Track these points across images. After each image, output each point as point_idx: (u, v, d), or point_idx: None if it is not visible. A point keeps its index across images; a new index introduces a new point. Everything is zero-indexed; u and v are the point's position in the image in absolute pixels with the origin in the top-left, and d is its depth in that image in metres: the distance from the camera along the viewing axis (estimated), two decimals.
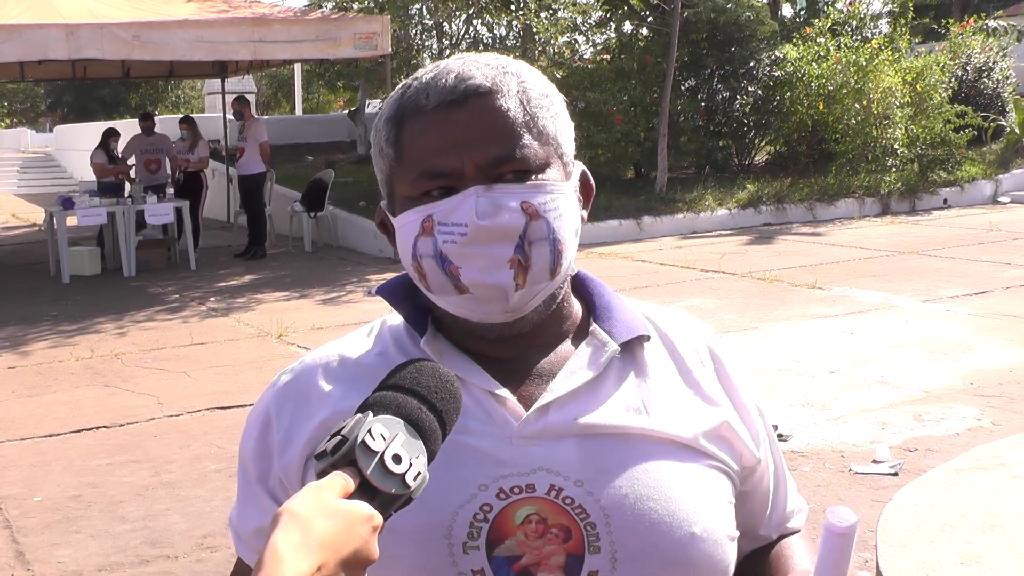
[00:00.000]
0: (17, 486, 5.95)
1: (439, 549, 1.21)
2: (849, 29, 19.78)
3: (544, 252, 1.24)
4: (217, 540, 5.00)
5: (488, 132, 1.23)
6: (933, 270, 11.47)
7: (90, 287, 12.93)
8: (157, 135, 15.74)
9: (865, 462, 5.72)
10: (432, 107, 1.25)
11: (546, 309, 1.30)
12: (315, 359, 1.39)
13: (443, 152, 1.24)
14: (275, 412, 1.36)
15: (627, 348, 1.33)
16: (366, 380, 1.27)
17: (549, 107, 1.29)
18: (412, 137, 1.26)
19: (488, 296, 1.24)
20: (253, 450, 1.36)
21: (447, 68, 1.27)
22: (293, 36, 13.58)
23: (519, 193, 1.23)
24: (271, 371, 8.11)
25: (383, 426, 1.03)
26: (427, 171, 1.25)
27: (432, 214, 1.24)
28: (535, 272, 1.24)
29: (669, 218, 15.70)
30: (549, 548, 1.21)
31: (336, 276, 13.06)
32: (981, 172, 18.24)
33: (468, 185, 1.22)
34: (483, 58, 1.29)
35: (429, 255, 1.25)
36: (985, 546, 3.91)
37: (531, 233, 1.23)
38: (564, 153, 1.30)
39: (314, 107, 41.25)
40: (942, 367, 7.53)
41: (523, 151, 1.24)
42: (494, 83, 1.25)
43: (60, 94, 48.02)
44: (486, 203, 1.21)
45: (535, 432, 1.25)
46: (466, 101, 1.24)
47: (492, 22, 17.78)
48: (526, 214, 1.22)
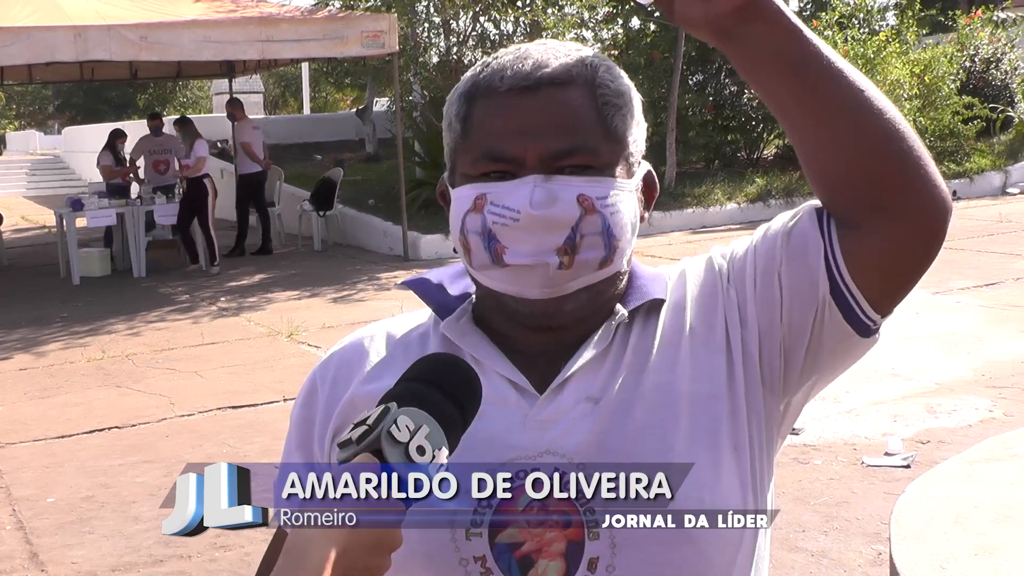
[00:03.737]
0: (30, 487, 5.97)
1: (441, 535, 1.22)
2: (856, 22, 19.70)
3: (596, 244, 1.24)
4: (230, 539, 5.01)
5: (555, 123, 1.24)
6: (943, 262, 11.28)
7: (100, 288, 12.96)
8: (166, 135, 15.74)
9: (877, 455, 5.71)
10: (505, 90, 1.26)
11: (589, 303, 1.29)
12: (363, 334, 1.42)
13: (508, 137, 1.25)
14: (320, 381, 1.39)
15: (641, 314, 1.33)
16: (398, 364, 1.30)
17: (623, 106, 1.29)
18: (480, 116, 1.28)
19: (529, 270, 1.24)
20: (297, 417, 1.40)
21: (527, 53, 1.28)
22: (300, 35, 13.57)
23: (577, 186, 1.23)
24: (282, 370, 8.13)
25: (408, 418, 1.04)
26: (489, 153, 1.26)
27: (487, 193, 1.25)
28: (582, 258, 1.24)
29: (678, 213, 15.70)
30: (550, 535, 1.21)
31: (346, 275, 13.07)
32: (990, 163, 18.19)
33: (527, 173, 1.23)
34: (565, 47, 1.30)
35: (476, 232, 1.26)
36: (999, 537, 3.91)
37: (584, 226, 1.23)
38: (631, 153, 1.30)
39: (322, 106, 41.25)
40: (953, 359, 7.52)
41: (587, 147, 1.25)
42: (569, 74, 1.26)
43: (68, 96, 48.08)
44: (542, 193, 1.22)
45: (548, 415, 1.26)
46: (538, 89, 1.25)
47: (499, 18, 17.74)
48: (582, 207, 1.23)
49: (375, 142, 21.34)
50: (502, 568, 1.22)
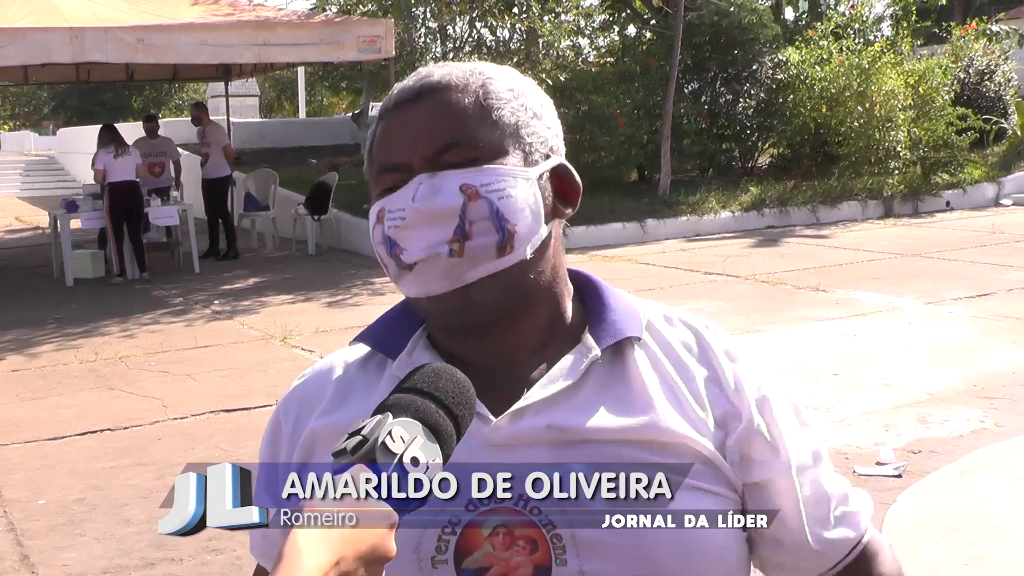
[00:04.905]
0: (22, 489, 5.96)
1: (408, 564, 1.21)
2: (852, 32, 19.77)
3: (487, 229, 1.24)
4: (222, 543, 5.00)
5: (436, 124, 1.26)
6: (936, 272, 11.47)
7: (93, 290, 12.95)
8: (161, 138, 15.73)
9: (869, 464, 5.72)
10: (392, 106, 1.30)
11: (503, 295, 1.26)
12: (322, 366, 1.42)
13: (396, 147, 1.28)
14: (283, 418, 1.40)
15: (616, 351, 1.31)
16: (357, 392, 1.33)
17: (511, 100, 1.30)
18: (377, 137, 1.32)
19: (427, 266, 1.24)
20: (264, 455, 1.41)
21: (417, 72, 1.33)
22: (297, 39, 13.58)
23: (458, 177, 1.24)
24: (275, 374, 8.13)
25: (403, 428, 1.04)
26: (383, 166, 1.29)
27: (384, 205, 1.27)
28: (474, 244, 1.23)
29: (672, 221, 15.70)
30: (516, 559, 1.20)
31: (340, 279, 13.06)
32: (983, 174, 18.24)
33: (416, 176, 1.25)
34: (459, 63, 1.33)
35: (379, 242, 1.28)
36: (989, 547, 3.92)
37: (470, 213, 1.23)
38: (528, 144, 1.29)
39: (317, 110, 41.25)
40: (946, 369, 7.54)
41: (468, 139, 1.26)
42: (450, 80, 1.29)
43: (63, 97, 47.98)
44: (426, 188, 1.24)
45: (505, 439, 1.24)
46: (420, 98, 1.28)
47: (496, 25, 17.77)
48: (464, 195, 1.23)
49: None
50: None
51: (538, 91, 1.35)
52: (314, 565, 0.94)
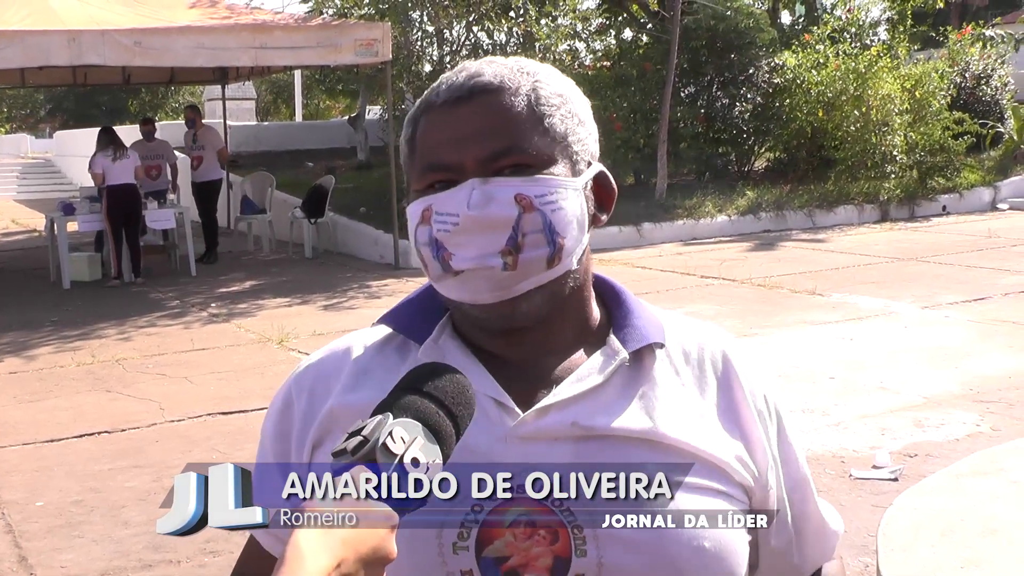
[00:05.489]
0: (19, 491, 5.96)
1: (429, 549, 1.23)
2: (848, 36, 19.79)
3: (539, 242, 1.25)
4: (219, 545, 5.01)
5: (490, 127, 1.26)
6: (932, 276, 11.49)
7: (90, 293, 12.94)
8: (158, 141, 15.71)
9: (865, 467, 5.73)
10: (441, 103, 1.29)
11: (547, 304, 1.29)
12: (339, 346, 1.43)
13: (446, 146, 1.27)
14: (296, 394, 1.40)
15: (639, 356, 1.33)
16: (377, 375, 1.33)
17: (561, 106, 1.31)
18: (422, 132, 1.31)
19: (477, 276, 1.25)
20: (272, 431, 1.41)
21: (463, 67, 1.31)
22: (294, 43, 13.57)
23: (514, 186, 1.25)
24: (272, 377, 8.13)
25: (403, 429, 1.05)
26: (431, 164, 1.29)
27: (431, 204, 1.27)
28: (526, 257, 1.25)
29: (669, 225, 15.71)
30: (536, 550, 1.22)
31: (337, 282, 13.07)
32: (980, 179, 18.27)
33: (468, 178, 1.25)
34: (503, 60, 1.32)
35: (425, 243, 1.28)
36: (985, 551, 3.93)
37: (524, 225, 1.24)
38: (575, 152, 1.31)
39: (314, 113, 41.24)
40: (942, 373, 7.55)
41: (523, 146, 1.26)
42: (502, 81, 1.28)
43: (60, 100, 47.93)
44: (480, 195, 1.24)
45: (530, 433, 1.26)
46: (472, 97, 1.27)
47: (492, 28, 17.78)
48: (520, 206, 1.24)
49: (367, 150, 21.32)
50: None
51: (580, 94, 1.36)
52: (316, 567, 0.95)
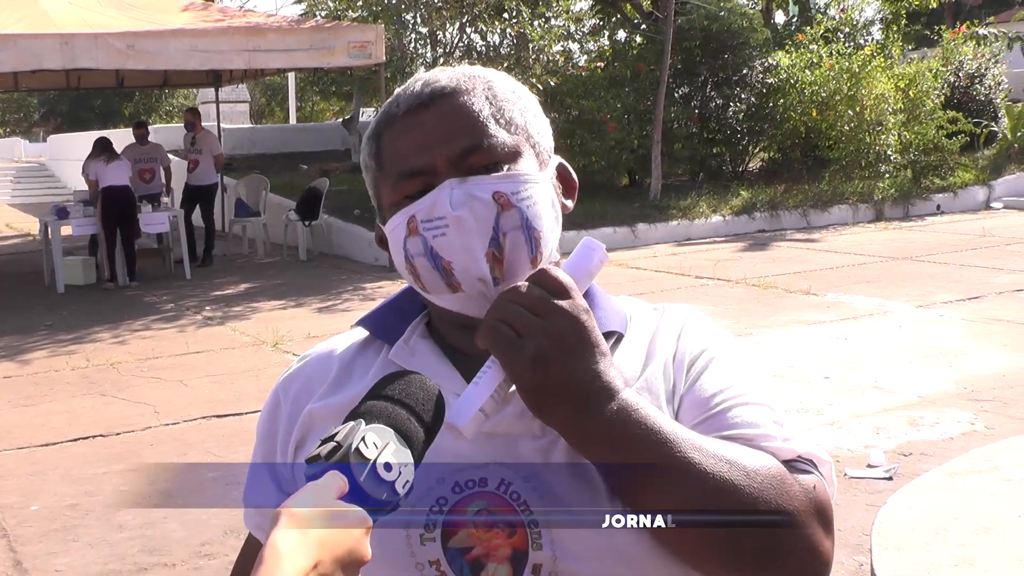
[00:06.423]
0: (14, 495, 5.95)
1: (398, 541, 1.25)
2: (842, 36, 19.82)
3: (519, 241, 1.27)
4: (215, 547, 5.01)
5: (455, 127, 1.29)
6: (927, 276, 11.50)
7: (85, 296, 12.93)
8: (151, 144, 15.70)
9: (860, 466, 5.74)
10: (402, 113, 1.32)
11: None
12: (322, 349, 1.47)
13: (415, 152, 1.29)
14: (283, 396, 1.44)
15: None
16: (354, 377, 1.38)
17: (516, 101, 1.34)
18: (388, 145, 1.33)
19: (477, 291, 1.27)
20: (262, 431, 1.46)
21: (416, 78, 1.35)
22: (287, 45, 13.59)
23: (491, 183, 1.27)
24: (267, 379, 8.12)
25: (375, 435, 1.08)
26: (403, 172, 1.30)
27: (415, 213, 1.28)
28: (511, 262, 1.27)
29: (663, 225, 15.73)
30: (496, 541, 1.24)
31: (331, 284, 13.07)
32: (974, 178, 18.29)
33: (442, 180, 1.27)
34: (453, 68, 1.36)
35: (420, 253, 1.29)
36: (979, 548, 3.94)
37: (504, 223, 1.26)
38: (537, 143, 1.35)
39: (308, 115, 41.22)
40: (936, 372, 7.56)
41: (490, 141, 1.29)
42: (458, 83, 1.32)
43: (54, 104, 47.97)
44: (459, 194, 1.25)
45: (491, 427, 1.26)
46: (432, 102, 1.30)
47: (486, 30, 17.79)
48: (498, 204, 1.26)
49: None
50: (455, 571, 1.24)
51: (528, 91, 1.39)
52: (294, 568, 0.96)
